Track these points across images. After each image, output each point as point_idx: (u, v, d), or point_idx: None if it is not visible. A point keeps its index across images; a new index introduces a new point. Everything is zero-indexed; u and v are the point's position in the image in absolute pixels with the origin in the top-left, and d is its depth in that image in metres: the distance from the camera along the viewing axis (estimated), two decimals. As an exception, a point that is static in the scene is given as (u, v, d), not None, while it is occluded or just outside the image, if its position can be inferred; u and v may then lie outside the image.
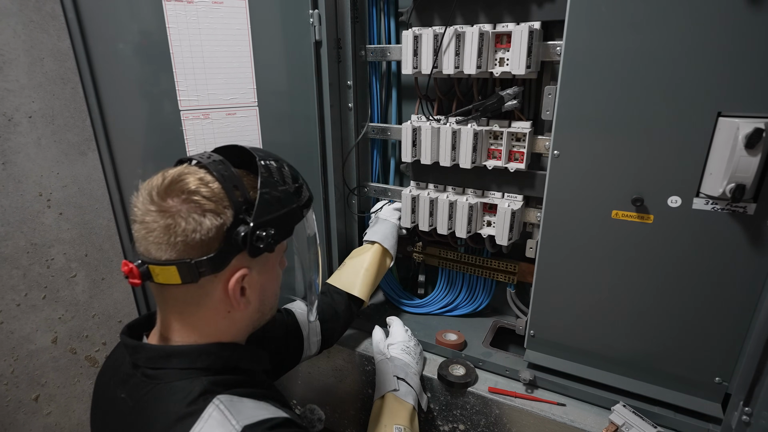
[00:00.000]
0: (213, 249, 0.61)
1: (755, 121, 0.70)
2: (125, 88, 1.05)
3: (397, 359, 1.05)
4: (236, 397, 0.63)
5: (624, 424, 0.91)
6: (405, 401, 0.98)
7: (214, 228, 0.60)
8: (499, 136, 1.03)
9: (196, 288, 0.63)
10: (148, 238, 0.60)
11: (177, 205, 0.60)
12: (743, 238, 0.79)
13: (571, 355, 1.02)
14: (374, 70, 1.22)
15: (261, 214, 0.63)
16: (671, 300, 0.88)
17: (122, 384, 0.68)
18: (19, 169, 1.04)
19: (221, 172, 0.63)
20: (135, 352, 0.68)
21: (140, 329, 0.74)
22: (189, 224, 0.59)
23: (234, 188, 0.63)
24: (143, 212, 0.61)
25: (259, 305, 0.72)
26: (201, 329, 0.68)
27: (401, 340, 1.10)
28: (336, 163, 1.20)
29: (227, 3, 1.03)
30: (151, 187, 0.62)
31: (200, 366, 0.66)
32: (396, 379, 1.01)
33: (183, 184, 0.61)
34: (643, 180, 0.83)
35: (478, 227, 1.12)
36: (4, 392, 1.11)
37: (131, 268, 0.61)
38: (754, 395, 0.77)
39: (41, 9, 1.00)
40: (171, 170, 0.64)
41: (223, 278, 0.64)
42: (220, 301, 0.66)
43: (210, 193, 0.61)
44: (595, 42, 0.80)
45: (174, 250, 0.60)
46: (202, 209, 0.60)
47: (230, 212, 0.61)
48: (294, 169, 0.74)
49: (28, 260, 1.09)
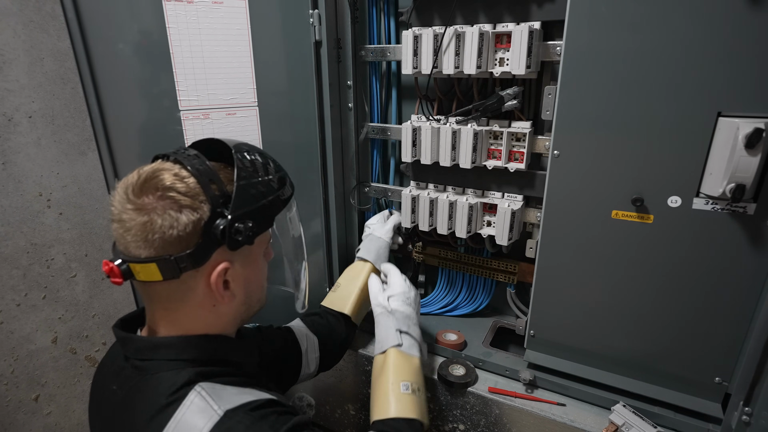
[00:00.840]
0: (192, 244, 0.61)
1: (755, 121, 0.70)
2: (125, 88, 1.05)
3: (398, 312, 0.97)
4: (219, 385, 0.64)
5: (624, 424, 0.91)
6: (410, 355, 0.92)
7: (191, 223, 0.60)
8: (499, 136, 1.03)
9: (178, 284, 0.64)
10: (126, 236, 0.61)
11: (153, 202, 0.60)
12: (743, 238, 0.79)
13: (571, 355, 1.02)
14: (374, 70, 1.22)
15: (238, 206, 0.63)
16: (671, 300, 0.88)
17: (115, 376, 0.69)
18: (19, 169, 1.04)
19: (196, 166, 0.63)
20: (125, 344, 0.69)
21: (135, 323, 0.74)
22: (165, 221, 0.59)
23: (210, 182, 0.63)
24: (120, 210, 0.61)
25: (245, 298, 0.72)
26: (187, 323, 0.68)
27: (401, 291, 1.01)
28: (336, 163, 1.20)
29: (227, 3, 1.03)
30: (126, 185, 0.62)
31: (187, 357, 0.66)
32: (399, 333, 0.94)
33: (158, 181, 0.61)
34: (643, 180, 0.83)
35: (478, 227, 1.12)
36: (4, 392, 1.11)
37: (111, 267, 0.61)
38: (754, 395, 0.77)
39: (41, 9, 1.00)
40: (146, 167, 0.64)
41: (205, 273, 0.65)
42: (205, 295, 0.67)
43: (186, 189, 0.61)
44: (595, 42, 0.80)
45: (152, 247, 0.60)
46: (179, 205, 0.60)
47: (207, 206, 0.61)
48: (275, 161, 0.74)
49: (28, 260, 1.09)
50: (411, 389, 0.86)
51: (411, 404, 0.83)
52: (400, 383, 0.86)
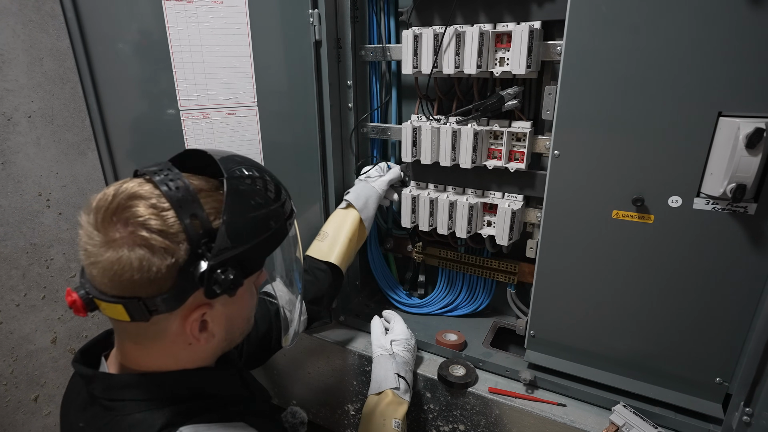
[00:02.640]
0: (165, 288, 0.53)
1: (756, 121, 0.70)
2: (125, 88, 1.04)
3: (399, 356, 1.04)
4: (202, 426, 0.58)
5: (624, 425, 0.91)
6: (403, 399, 0.99)
7: (165, 267, 0.52)
8: (499, 135, 1.03)
9: (148, 325, 0.56)
10: (92, 270, 0.53)
11: (123, 236, 0.52)
12: (744, 239, 0.78)
13: (572, 355, 1.02)
14: (374, 69, 1.22)
15: (222, 249, 0.54)
16: (672, 300, 0.87)
17: (81, 411, 0.63)
18: (18, 169, 1.04)
19: (178, 196, 0.54)
20: (90, 382, 0.61)
21: (98, 350, 0.67)
22: (135, 262, 0.51)
23: (192, 217, 0.53)
24: (87, 238, 0.53)
25: (226, 335, 0.64)
26: (160, 360, 0.61)
27: (404, 338, 1.09)
28: (336, 163, 1.20)
29: (227, 3, 1.03)
30: (98, 207, 0.53)
31: (162, 396, 0.60)
32: (397, 377, 1.00)
33: (131, 214, 0.52)
34: (643, 180, 0.83)
35: (478, 227, 1.11)
36: (4, 392, 1.11)
37: (75, 299, 0.53)
38: (755, 396, 0.77)
39: (41, 9, 1.00)
40: (122, 187, 0.55)
41: (180, 315, 0.57)
42: (178, 335, 0.58)
43: (162, 225, 0.52)
44: (595, 42, 0.80)
45: (120, 287, 0.52)
46: (151, 247, 0.51)
47: (185, 246, 0.53)
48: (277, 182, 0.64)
49: (28, 260, 1.09)
50: (401, 429, 0.93)
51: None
52: (392, 421, 0.93)
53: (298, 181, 1.18)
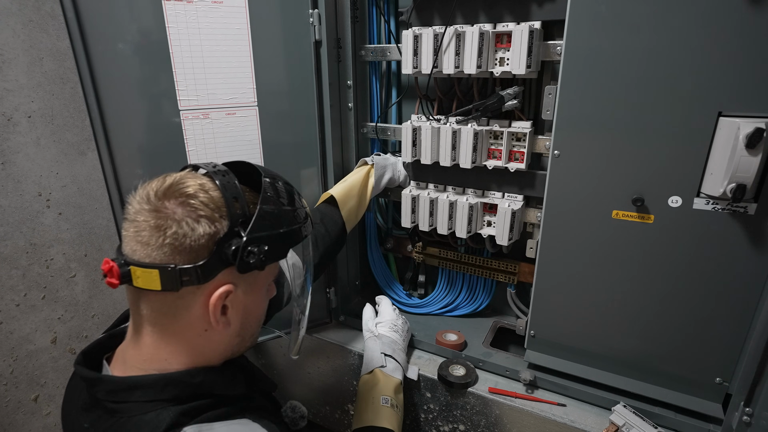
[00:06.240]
0: (201, 257, 0.59)
1: (756, 121, 0.70)
2: (125, 88, 1.04)
3: (384, 337, 1.09)
4: (205, 425, 0.60)
5: (624, 425, 0.91)
6: (392, 376, 1.02)
7: (206, 236, 0.58)
8: (499, 135, 1.03)
9: (175, 298, 0.60)
10: (136, 237, 0.58)
11: (172, 207, 0.58)
12: (744, 239, 0.78)
13: (572, 355, 1.02)
14: (374, 69, 1.22)
15: (257, 229, 0.61)
16: (672, 300, 0.88)
17: (85, 412, 0.64)
18: (18, 169, 1.04)
19: (223, 181, 0.62)
20: (93, 385, 0.63)
21: (100, 352, 0.69)
22: (181, 228, 0.57)
23: (234, 199, 0.61)
24: (136, 210, 0.59)
25: (240, 329, 0.68)
26: (173, 345, 0.64)
27: (389, 319, 1.14)
28: (336, 163, 1.20)
29: (227, 3, 1.03)
30: (150, 188, 0.61)
31: (167, 397, 0.61)
32: (383, 356, 1.04)
33: (182, 187, 0.60)
34: (643, 180, 0.83)
35: (478, 227, 1.11)
36: (4, 392, 1.11)
37: (112, 266, 0.58)
38: (755, 396, 0.77)
39: (40, 9, 1.00)
40: (174, 174, 0.63)
41: (206, 291, 0.61)
42: (198, 317, 0.62)
43: (208, 200, 0.60)
44: (595, 42, 0.80)
45: (160, 252, 0.57)
46: (197, 214, 0.58)
47: (226, 222, 0.60)
48: (300, 196, 0.73)
49: (28, 260, 1.09)
50: (390, 404, 0.96)
51: (389, 416, 0.92)
52: (380, 397, 0.96)
53: (298, 182, 1.18)
